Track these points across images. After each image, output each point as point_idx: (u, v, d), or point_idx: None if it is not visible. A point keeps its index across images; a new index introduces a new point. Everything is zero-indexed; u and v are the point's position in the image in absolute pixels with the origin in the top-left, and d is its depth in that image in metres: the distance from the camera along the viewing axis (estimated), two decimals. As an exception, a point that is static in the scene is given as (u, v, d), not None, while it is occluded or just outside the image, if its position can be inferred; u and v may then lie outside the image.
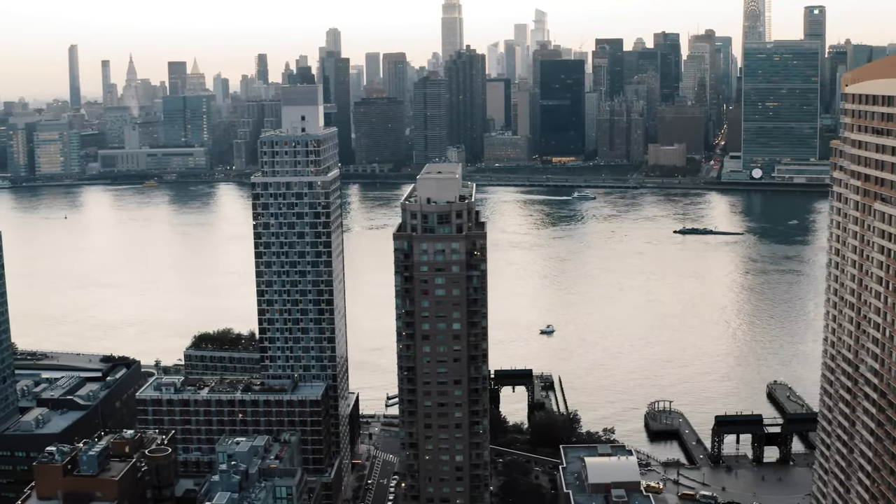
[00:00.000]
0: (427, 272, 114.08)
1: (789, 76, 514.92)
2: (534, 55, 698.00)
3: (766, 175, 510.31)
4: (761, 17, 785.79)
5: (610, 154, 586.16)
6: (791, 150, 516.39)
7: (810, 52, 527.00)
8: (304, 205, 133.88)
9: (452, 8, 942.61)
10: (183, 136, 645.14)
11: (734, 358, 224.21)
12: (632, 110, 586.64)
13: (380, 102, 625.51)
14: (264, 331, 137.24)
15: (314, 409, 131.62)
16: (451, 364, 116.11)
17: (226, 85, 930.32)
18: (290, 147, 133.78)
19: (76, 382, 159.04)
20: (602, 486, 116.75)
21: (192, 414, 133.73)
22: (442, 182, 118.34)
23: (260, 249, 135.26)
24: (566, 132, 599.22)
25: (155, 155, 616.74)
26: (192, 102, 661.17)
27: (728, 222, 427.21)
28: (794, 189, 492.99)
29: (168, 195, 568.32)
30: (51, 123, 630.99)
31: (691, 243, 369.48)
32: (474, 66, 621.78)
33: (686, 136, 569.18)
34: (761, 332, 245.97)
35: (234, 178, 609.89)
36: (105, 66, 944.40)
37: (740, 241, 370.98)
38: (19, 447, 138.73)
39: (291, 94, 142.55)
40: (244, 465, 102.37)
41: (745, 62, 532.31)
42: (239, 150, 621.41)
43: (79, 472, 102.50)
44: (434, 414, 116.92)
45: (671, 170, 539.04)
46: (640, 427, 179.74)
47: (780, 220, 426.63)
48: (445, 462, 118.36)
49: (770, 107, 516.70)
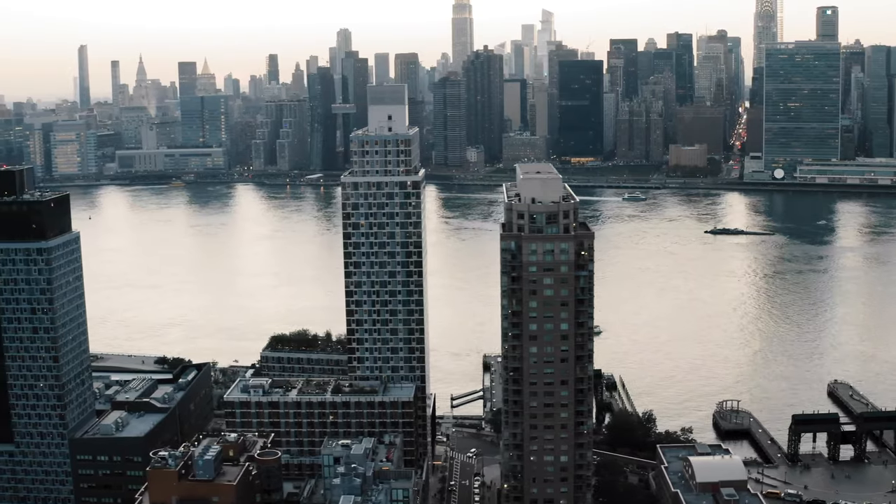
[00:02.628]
0: (536, 272, 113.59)
1: (811, 77, 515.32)
2: (550, 55, 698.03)
3: (788, 175, 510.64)
4: (775, 17, 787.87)
5: (629, 154, 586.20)
6: (812, 151, 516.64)
7: (831, 52, 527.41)
8: (394, 205, 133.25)
9: (463, 8, 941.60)
10: (201, 136, 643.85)
11: (787, 357, 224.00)
12: (651, 110, 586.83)
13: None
14: (352, 332, 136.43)
15: (406, 411, 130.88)
16: (559, 364, 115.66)
17: (237, 85, 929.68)
18: (381, 146, 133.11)
19: (149, 385, 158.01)
20: (710, 484, 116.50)
21: (281, 416, 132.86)
22: (547, 182, 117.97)
23: (349, 250, 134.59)
24: (585, 132, 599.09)
25: (173, 155, 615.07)
26: (209, 103, 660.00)
27: (754, 223, 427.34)
28: (816, 189, 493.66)
29: (186, 195, 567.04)
30: (68, 124, 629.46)
31: (722, 243, 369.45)
32: (492, 67, 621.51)
33: (705, 136, 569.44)
34: (811, 332, 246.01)
35: (252, 178, 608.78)
36: (115, 66, 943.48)
37: (771, 241, 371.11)
38: (102, 451, 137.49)
39: (378, 93, 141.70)
40: (362, 468, 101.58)
41: (766, 63, 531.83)
42: (258, 150, 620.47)
43: (194, 477, 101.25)
44: (540, 415, 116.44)
45: (692, 170, 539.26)
46: (709, 426, 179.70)
47: (806, 220, 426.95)
48: (550, 463, 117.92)
49: (791, 107, 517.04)
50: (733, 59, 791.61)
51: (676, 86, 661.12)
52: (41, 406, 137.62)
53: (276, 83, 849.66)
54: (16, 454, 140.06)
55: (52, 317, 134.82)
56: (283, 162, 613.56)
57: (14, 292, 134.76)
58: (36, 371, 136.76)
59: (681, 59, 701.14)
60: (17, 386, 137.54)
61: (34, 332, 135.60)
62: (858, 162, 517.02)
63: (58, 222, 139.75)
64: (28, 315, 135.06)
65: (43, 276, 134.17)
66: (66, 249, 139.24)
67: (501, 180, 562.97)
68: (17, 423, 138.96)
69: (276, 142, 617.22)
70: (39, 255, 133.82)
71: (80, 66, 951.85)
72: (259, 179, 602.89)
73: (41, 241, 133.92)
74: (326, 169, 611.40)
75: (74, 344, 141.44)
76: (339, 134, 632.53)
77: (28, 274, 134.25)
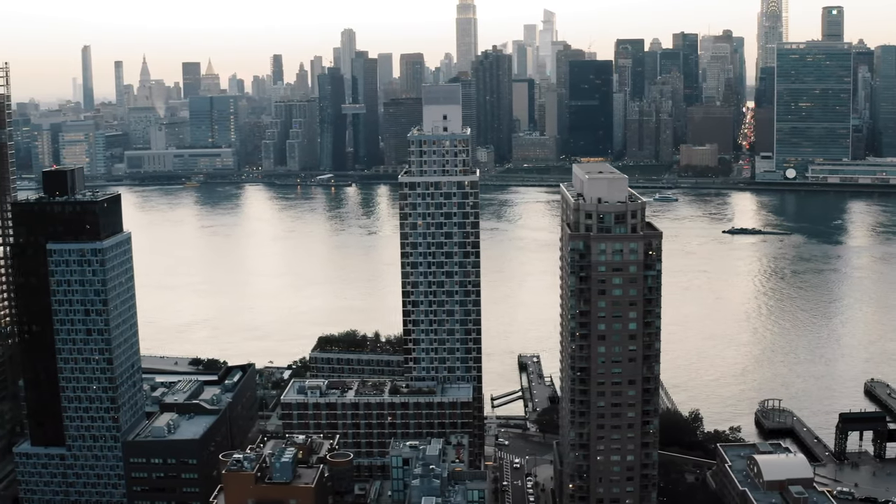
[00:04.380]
0: (605, 272, 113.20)
1: (821, 77, 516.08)
2: (557, 56, 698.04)
3: (800, 175, 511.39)
4: (780, 17, 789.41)
5: (639, 154, 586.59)
6: (822, 151, 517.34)
7: (842, 52, 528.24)
8: (452, 205, 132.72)
9: (467, 8, 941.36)
10: (210, 136, 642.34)
11: (819, 356, 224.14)
12: (660, 110, 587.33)
13: (409, 103, 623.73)
14: (409, 332, 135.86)
15: (465, 411, 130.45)
16: (626, 364, 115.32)
17: (241, 85, 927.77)
18: (439, 146, 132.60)
19: (196, 386, 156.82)
20: (777, 483, 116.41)
21: (338, 417, 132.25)
22: (613, 182, 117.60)
23: (406, 250, 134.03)
24: (594, 133, 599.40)
25: (182, 156, 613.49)
26: (218, 103, 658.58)
27: (769, 222, 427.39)
28: (827, 189, 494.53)
29: (196, 196, 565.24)
30: (76, 124, 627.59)
31: (740, 243, 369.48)
32: (500, 67, 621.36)
33: (714, 136, 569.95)
34: (839, 331, 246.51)
35: (262, 178, 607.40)
36: (118, 66, 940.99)
37: (788, 241, 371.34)
38: (156, 454, 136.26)
39: (433, 93, 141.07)
40: (439, 469, 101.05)
41: (777, 62, 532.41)
42: (267, 150, 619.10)
43: (270, 480, 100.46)
44: (607, 414, 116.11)
45: (703, 170, 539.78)
46: (751, 423, 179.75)
47: (820, 220, 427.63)
48: (616, 462, 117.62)
49: (802, 107, 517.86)
50: (737, 59, 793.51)
51: (684, 86, 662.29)
52: (94, 409, 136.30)
53: (281, 83, 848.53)
54: (67, 457, 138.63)
55: (106, 318, 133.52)
56: (292, 162, 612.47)
57: (67, 293, 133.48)
58: (89, 373, 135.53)
59: (687, 59, 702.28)
60: (69, 388, 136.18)
61: (88, 333, 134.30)
62: (870, 161, 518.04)
63: (111, 222, 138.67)
64: (82, 317, 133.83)
65: (97, 277, 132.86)
66: (119, 250, 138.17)
67: (511, 181, 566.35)
68: (68, 426, 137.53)
69: (286, 142, 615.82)
70: (94, 256, 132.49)
71: (84, 67, 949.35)
72: (269, 180, 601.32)
73: (96, 242, 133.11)
74: (336, 169, 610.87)
75: (127, 346, 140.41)
76: (349, 134, 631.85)
77: (82, 275, 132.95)
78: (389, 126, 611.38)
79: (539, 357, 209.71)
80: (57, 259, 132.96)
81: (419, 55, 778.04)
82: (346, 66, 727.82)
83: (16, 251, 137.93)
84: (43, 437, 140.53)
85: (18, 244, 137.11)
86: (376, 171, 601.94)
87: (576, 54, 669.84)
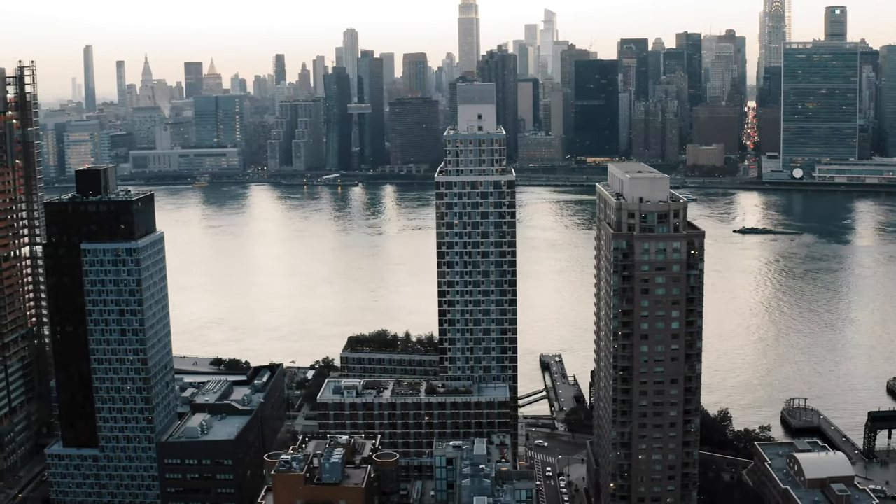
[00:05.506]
0: (648, 272, 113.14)
1: (828, 76, 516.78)
2: (562, 55, 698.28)
3: (807, 175, 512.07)
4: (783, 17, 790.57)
5: (645, 154, 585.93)
6: (829, 150, 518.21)
7: (848, 52, 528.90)
8: (489, 204, 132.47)
9: (469, 8, 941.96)
10: (215, 136, 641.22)
11: (840, 355, 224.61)
12: (666, 110, 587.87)
13: (415, 102, 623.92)
14: (444, 332, 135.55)
15: (502, 411, 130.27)
16: (669, 363, 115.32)
17: (243, 85, 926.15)
18: (475, 146, 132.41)
19: (226, 387, 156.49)
20: (818, 481, 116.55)
21: (375, 417, 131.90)
22: (655, 181, 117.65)
23: (442, 249, 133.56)
24: (600, 132, 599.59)
25: (187, 155, 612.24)
26: (224, 103, 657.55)
27: (777, 222, 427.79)
28: (834, 189, 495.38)
29: (201, 196, 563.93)
30: (82, 124, 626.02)
31: (751, 242, 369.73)
32: (506, 66, 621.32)
33: (720, 136, 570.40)
34: (859, 330, 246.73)
35: (268, 178, 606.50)
36: (119, 66, 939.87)
37: (799, 240, 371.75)
38: (191, 455, 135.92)
39: (468, 92, 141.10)
40: (488, 469, 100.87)
41: (784, 62, 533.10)
42: (273, 150, 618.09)
43: (319, 481, 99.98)
44: (650, 413, 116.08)
45: (710, 169, 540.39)
46: (777, 423, 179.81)
47: (828, 219, 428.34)
48: (658, 461, 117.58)
49: (809, 107, 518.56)
50: (740, 59, 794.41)
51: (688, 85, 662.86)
52: (128, 409, 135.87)
53: (284, 83, 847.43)
54: (100, 459, 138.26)
55: (141, 318, 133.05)
56: (298, 162, 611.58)
57: (102, 294, 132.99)
58: (123, 374, 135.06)
59: (691, 58, 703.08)
60: (102, 389, 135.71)
61: (122, 333, 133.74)
62: (876, 161, 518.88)
63: (145, 221, 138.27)
64: (116, 317, 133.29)
65: (132, 277, 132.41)
66: (153, 249, 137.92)
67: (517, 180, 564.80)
68: (102, 427, 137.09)
69: (292, 142, 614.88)
70: (129, 256, 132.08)
71: (86, 67, 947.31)
72: (275, 180, 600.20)
73: (131, 242, 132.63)
74: (342, 169, 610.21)
75: (160, 346, 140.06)
76: (355, 134, 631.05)
77: (117, 275, 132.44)
78: (395, 126, 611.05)
79: (561, 356, 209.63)
80: (91, 259, 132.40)
81: (422, 55, 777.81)
82: (349, 66, 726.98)
83: (48, 251, 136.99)
84: (75, 439, 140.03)
85: (51, 244, 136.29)
86: (382, 171, 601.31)
87: (581, 54, 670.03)
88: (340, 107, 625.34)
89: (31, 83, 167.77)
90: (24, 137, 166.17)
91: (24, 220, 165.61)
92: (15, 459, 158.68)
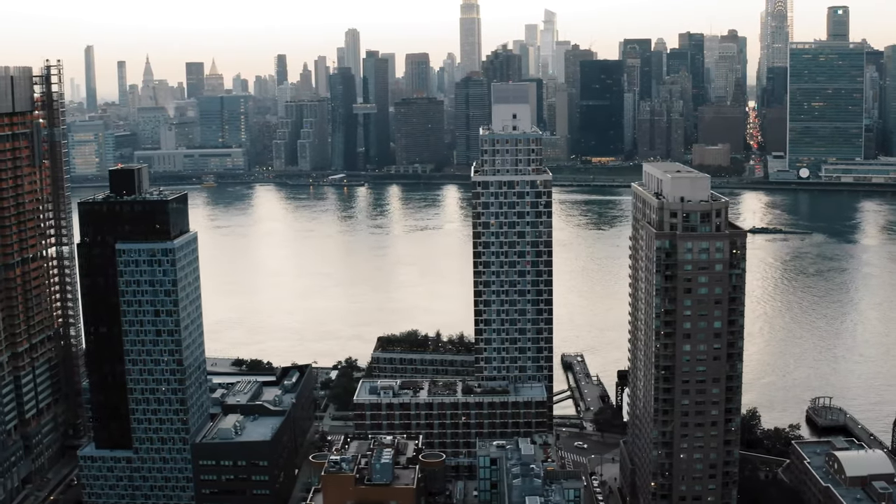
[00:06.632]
0: (691, 271, 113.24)
1: (834, 76, 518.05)
2: (566, 56, 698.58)
3: (813, 175, 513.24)
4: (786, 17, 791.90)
5: (650, 154, 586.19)
6: (835, 150, 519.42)
7: (854, 52, 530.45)
8: (525, 203, 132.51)
9: (471, 8, 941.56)
10: (220, 136, 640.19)
11: (860, 354, 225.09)
12: (671, 110, 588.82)
13: (420, 103, 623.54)
14: (480, 332, 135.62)
15: (540, 411, 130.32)
16: (711, 362, 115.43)
17: (245, 85, 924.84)
18: (512, 145, 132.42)
19: (256, 387, 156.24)
20: (859, 478, 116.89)
21: (412, 417, 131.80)
22: (696, 181, 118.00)
23: (479, 249, 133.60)
24: (605, 132, 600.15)
25: (192, 156, 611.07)
26: (229, 103, 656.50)
27: (785, 222, 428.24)
28: (841, 189, 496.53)
29: (207, 197, 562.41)
30: (86, 124, 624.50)
31: (762, 242, 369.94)
32: (510, 66, 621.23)
33: (725, 135, 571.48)
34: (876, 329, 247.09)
35: (273, 178, 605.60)
36: (121, 67, 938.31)
37: (810, 240, 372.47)
38: (227, 456, 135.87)
39: (503, 91, 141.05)
40: (538, 468, 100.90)
41: (790, 62, 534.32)
42: (278, 150, 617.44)
43: (370, 481, 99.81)
44: (691, 412, 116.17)
45: (716, 169, 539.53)
46: (802, 422, 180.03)
47: (836, 219, 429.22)
48: (699, 460, 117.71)
49: (815, 107, 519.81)
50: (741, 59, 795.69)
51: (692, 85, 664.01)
52: (163, 411, 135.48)
53: (286, 84, 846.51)
54: (134, 460, 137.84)
55: (176, 319, 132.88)
56: (304, 162, 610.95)
57: (137, 294, 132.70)
58: (158, 375, 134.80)
59: (694, 59, 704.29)
60: (137, 390, 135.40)
61: (157, 334, 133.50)
62: (882, 161, 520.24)
63: (179, 221, 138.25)
64: (151, 318, 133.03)
65: (168, 277, 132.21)
66: (188, 249, 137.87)
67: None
68: (136, 429, 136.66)
69: (297, 142, 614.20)
70: (164, 256, 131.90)
71: (87, 67, 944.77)
72: (281, 180, 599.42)
73: (167, 242, 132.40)
74: (347, 169, 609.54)
75: (194, 346, 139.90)
76: (360, 134, 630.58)
77: (152, 275, 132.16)
78: (400, 126, 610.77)
79: (583, 356, 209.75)
80: (126, 259, 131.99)
81: (424, 55, 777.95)
82: (352, 66, 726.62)
83: (82, 251, 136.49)
84: (108, 440, 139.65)
85: (85, 244, 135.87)
86: (388, 172, 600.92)
87: (585, 54, 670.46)
88: (346, 107, 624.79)
89: (58, 82, 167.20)
90: (50, 137, 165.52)
91: (51, 221, 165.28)
92: (43, 461, 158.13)
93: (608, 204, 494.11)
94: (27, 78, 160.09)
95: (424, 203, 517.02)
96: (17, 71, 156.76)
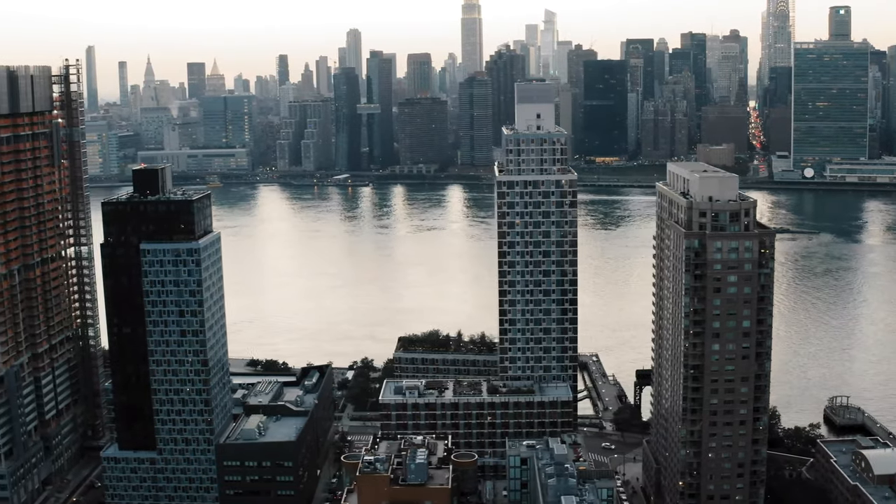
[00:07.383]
0: (720, 270, 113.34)
1: (838, 76, 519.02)
2: (569, 56, 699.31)
3: (818, 174, 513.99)
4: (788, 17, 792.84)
5: (654, 154, 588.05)
6: (840, 150, 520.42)
7: (859, 52, 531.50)
8: (550, 203, 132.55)
9: (472, 8, 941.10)
10: (224, 136, 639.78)
11: (873, 354, 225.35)
12: (675, 110, 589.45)
13: (424, 103, 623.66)
14: (505, 332, 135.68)
15: (566, 410, 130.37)
16: (739, 361, 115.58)
17: (247, 86, 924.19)
18: (536, 145, 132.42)
19: (277, 388, 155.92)
20: (887, 477, 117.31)
21: (438, 417, 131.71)
22: (724, 181, 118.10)
23: (504, 249, 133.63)
24: (609, 132, 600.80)
25: (196, 156, 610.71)
26: (232, 103, 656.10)
27: (791, 221, 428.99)
28: (846, 188, 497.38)
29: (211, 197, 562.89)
30: (89, 124, 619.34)
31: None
32: (514, 66, 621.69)
33: (728, 135, 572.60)
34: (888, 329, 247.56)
35: (277, 179, 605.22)
36: (122, 67, 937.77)
37: (817, 240, 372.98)
38: (251, 457, 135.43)
39: (527, 91, 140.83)
40: (572, 468, 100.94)
41: (794, 62, 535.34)
42: (282, 150, 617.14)
43: (405, 482, 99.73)
44: (720, 411, 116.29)
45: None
46: (819, 421, 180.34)
47: (841, 219, 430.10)
48: (727, 459, 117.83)
49: (819, 107, 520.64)
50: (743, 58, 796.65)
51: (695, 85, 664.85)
52: (187, 411, 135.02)
53: (288, 84, 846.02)
54: (158, 462, 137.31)
55: (201, 319, 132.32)
56: (308, 162, 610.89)
57: (161, 294, 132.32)
58: (182, 375, 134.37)
59: (696, 59, 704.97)
60: (161, 391, 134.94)
61: (182, 335, 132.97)
62: (887, 161, 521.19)
63: (203, 221, 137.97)
64: (176, 318, 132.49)
65: (193, 277, 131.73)
66: (212, 249, 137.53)
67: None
68: (160, 430, 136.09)
69: (301, 142, 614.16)
70: (189, 256, 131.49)
71: (88, 68, 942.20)
72: (285, 180, 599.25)
73: (192, 242, 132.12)
74: (351, 169, 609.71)
75: (218, 347, 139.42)
76: (364, 134, 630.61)
77: (177, 275, 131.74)
78: (404, 126, 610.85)
79: (598, 356, 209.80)
80: (151, 259, 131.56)
81: (426, 55, 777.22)
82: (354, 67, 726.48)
83: (106, 251, 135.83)
84: (131, 441, 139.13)
85: (108, 244, 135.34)
86: (392, 172, 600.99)
87: (588, 54, 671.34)
88: (349, 107, 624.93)
89: (77, 82, 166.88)
90: (69, 137, 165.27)
91: (70, 221, 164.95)
92: (62, 462, 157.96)
93: (613, 204, 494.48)
94: (46, 77, 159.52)
95: (429, 203, 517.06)
96: (37, 70, 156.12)
